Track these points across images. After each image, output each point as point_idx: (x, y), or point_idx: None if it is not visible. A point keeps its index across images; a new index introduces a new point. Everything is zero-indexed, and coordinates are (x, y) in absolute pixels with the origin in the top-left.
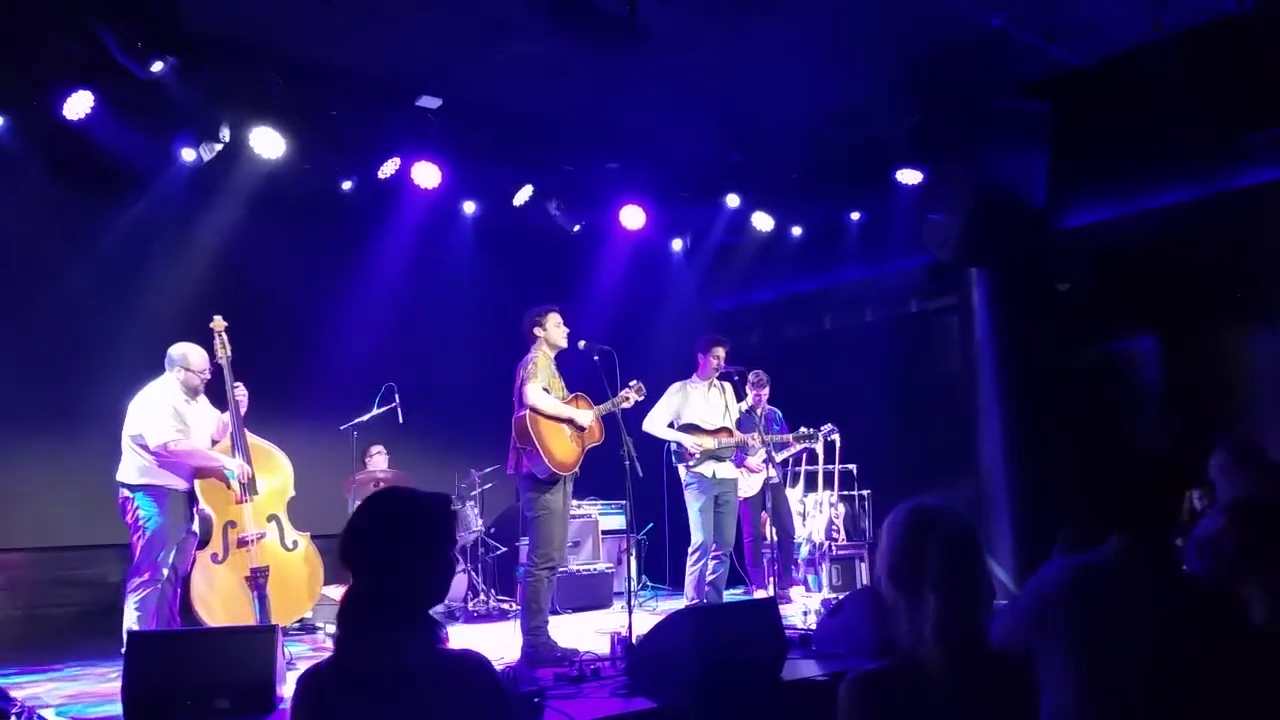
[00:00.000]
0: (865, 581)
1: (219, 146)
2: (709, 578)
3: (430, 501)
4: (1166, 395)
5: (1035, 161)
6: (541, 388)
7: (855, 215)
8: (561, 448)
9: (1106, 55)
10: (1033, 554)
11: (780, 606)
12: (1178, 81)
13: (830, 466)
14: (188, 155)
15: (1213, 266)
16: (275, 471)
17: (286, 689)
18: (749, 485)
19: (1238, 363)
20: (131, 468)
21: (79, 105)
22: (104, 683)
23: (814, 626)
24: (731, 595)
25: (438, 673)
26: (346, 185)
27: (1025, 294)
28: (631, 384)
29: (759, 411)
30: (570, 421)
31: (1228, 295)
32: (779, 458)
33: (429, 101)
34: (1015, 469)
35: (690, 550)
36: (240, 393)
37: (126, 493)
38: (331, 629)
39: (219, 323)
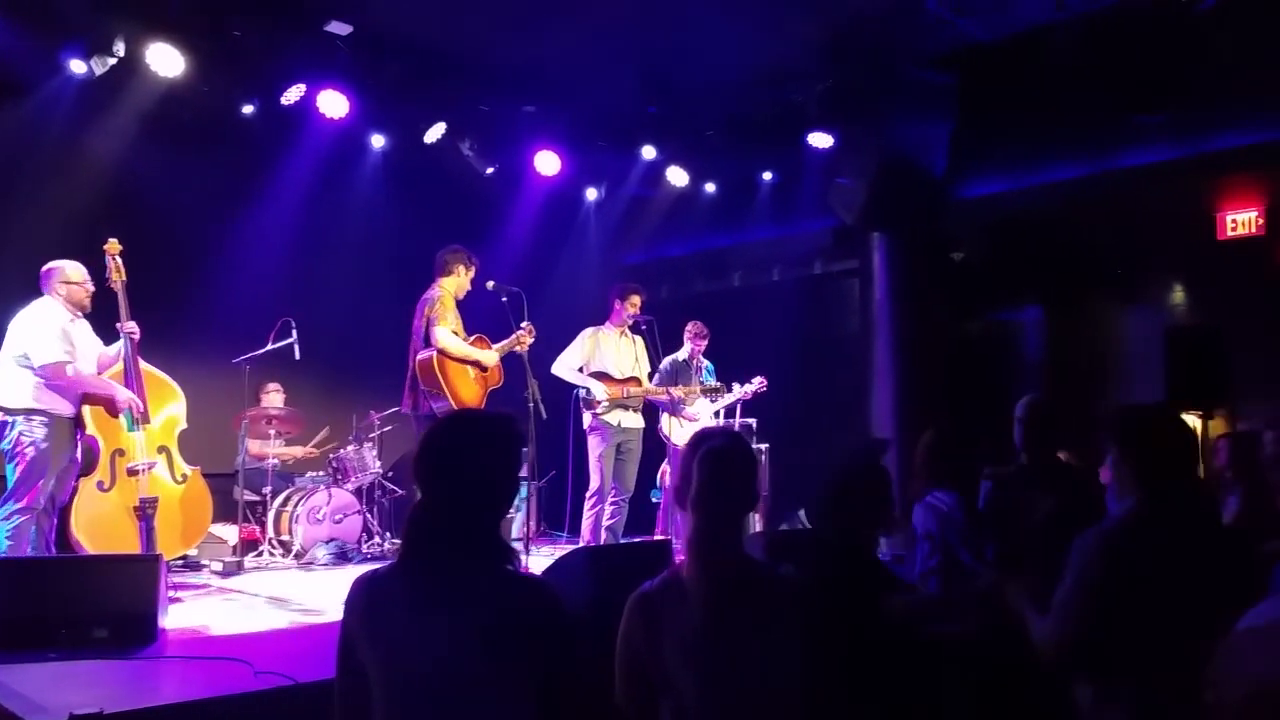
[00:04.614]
0: (758, 530)
1: (112, 61)
2: (606, 523)
3: (508, 423)
4: (1046, 366)
5: (939, 132)
6: (450, 330)
7: (767, 175)
8: (466, 389)
9: (1012, 32)
10: None
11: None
12: (1076, 62)
13: (731, 421)
14: (77, 68)
15: (1096, 243)
16: (168, 401)
17: (168, 620)
18: (685, 435)
19: (1113, 338)
20: (12, 390)
21: None
22: None
23: None
24: None
25: (502, 594)
26: (247, 110)
27: (922, 261)
28: (523, 325)
29: (695, 363)
30: (476, 363)
31: (1108, 272)
32: (713, 407)
33: (338, 27)
34: (904, 430)
35: (588, 495)
36: (130, 327)
37: (4, 416)
38: (217, 567)
39: (113, 245)
